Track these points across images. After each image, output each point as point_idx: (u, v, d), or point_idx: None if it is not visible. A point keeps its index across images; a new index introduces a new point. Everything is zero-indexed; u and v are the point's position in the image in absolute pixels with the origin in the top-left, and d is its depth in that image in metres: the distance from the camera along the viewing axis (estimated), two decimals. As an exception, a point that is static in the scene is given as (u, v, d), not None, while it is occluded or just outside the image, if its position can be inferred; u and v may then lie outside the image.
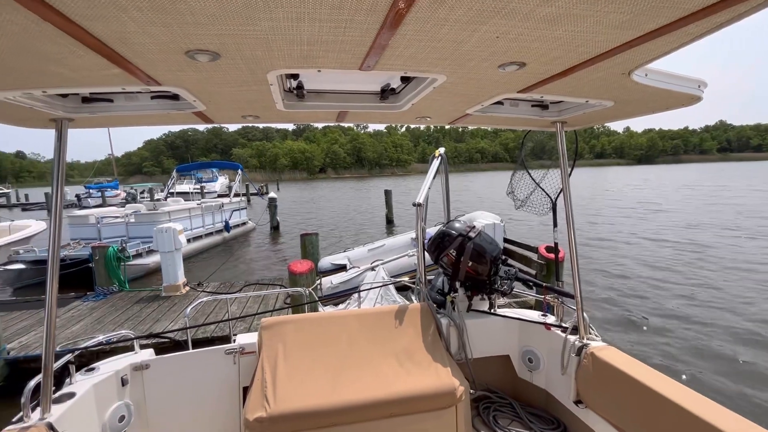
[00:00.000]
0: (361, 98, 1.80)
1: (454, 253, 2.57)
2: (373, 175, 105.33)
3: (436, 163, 3.14)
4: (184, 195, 19.01)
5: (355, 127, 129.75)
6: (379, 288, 4.40)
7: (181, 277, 7.43)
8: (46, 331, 1.72)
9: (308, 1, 0.80)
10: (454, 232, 2.61)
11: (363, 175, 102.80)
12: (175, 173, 20.05)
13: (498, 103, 1.80)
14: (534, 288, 2.71)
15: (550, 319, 2.58)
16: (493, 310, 2.75)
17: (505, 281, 2.65)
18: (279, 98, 1.53)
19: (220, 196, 22.58)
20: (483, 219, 7.46)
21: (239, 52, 1.05)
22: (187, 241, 8.04)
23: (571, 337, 2.29)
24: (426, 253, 2.78)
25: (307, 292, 3.46)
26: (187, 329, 2.79)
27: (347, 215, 24.07)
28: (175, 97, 1.56)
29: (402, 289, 4.90)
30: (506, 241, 7.66)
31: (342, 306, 4.90)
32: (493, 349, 2.70)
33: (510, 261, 2.84)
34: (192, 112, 1.65)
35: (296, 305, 4.65)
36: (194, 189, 22.65)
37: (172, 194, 18.88)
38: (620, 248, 12.72)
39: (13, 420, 1.70)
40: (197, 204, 14.83)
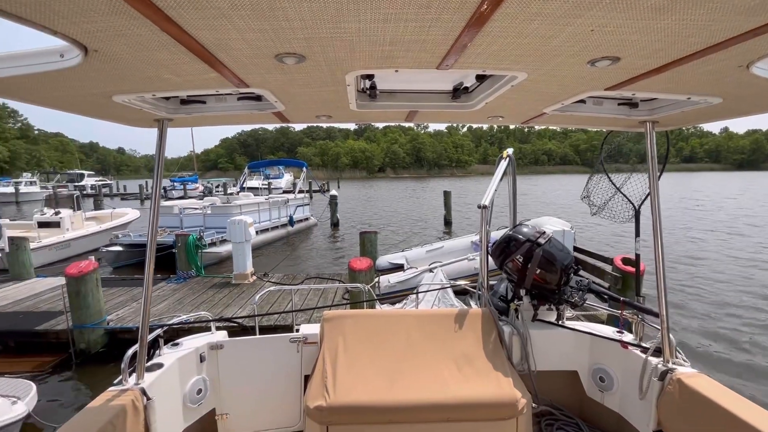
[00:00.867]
0: (433, 97, 1.79)
1: (520, 260, 2.45)
2: (432, 175, 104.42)
3: (503, 164, 3.03)
4: (254, 190, 20.37)
5: (415, 127, 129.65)
6: (437, 290, 4.35)
7: (249, 267, 7.98)
8: (143, 308, 1.95)
9: (396, 2, 0.81)
10: (521, 237, 2.49)
11: (421, 176, 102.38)
12: (246, 170, 21.59)
13: (580, 101, 1.68)
14: (608, 302, 2.49)
15: (628, 337, 2.36)
16: (561, 322, 2.58)
17: (576, 292, 2.47)
18: (353, 98, 1.57)
19: (285, 192, 23.89)
20: (551, 225, 7.04)
21: (323, 54, 1.09)
22: (256, 233, 8.59)
23: (653, 360, 2.08)
24: (489, 257, 2.70)
25: (366, 289, 3.51)
26: (255, 316, 2.99)
27: (405, 215, 24.14)
28: (258, 98, 1.67)
29: (460, 293, 4.79)
30: (576, 250, 7.16)
31: (399, 305, 4.92)
32: (560, 363, 2.54)
33: (581, 272, 2.64)
34: (272, 112, 1.75)
35: (355, 302, 4.78)
36: (262, 185, 24.18)
37: (243, 189, 20.34)
38: (711, 266, 11.28)
39: (115, 382, 1.94)
40: (265, 199, 15.82)
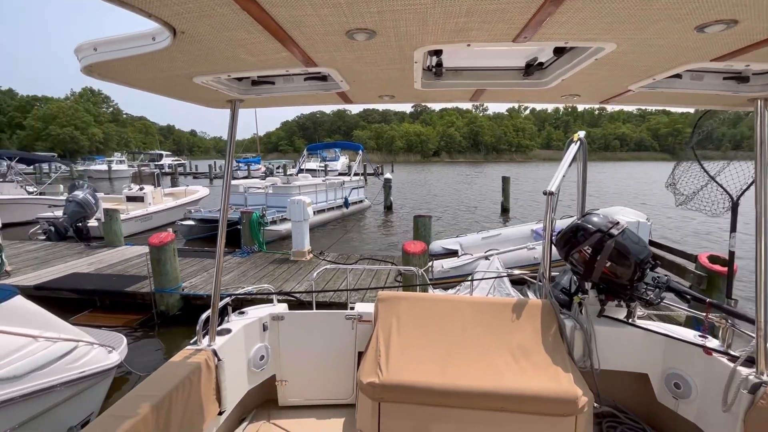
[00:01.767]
0: (502, 75, 1.68)
1: (588, 251, 2.28)
2: (489, 160, 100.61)
3: (573, 148, 2.81)
4: (312, 172, 21.11)
5: (473, 110, 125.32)
6: (494, 278, 4.22)
7: (306, 245, 8.33)
8: (215, 278, 2.10)
9: None
10: (591, 226, 2.31)
11: (478, 161, 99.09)
12: (305, 152, 22.35)
13: (675, 76, 1.48)
14: (690, 303, 2.25)
15: (713, 343, 2.12)
16: (631, 320, 2.39)
17: (653, 289, 2.26)
18: (418, 76, 1.52)
19: (340, 174, 24.45)
20: (624, 216, 6.47)
21: (394, 28, 1.06)
22: (313, 213, 8.94)
23: (744, 370, 1.85)
24: (554, 246, 2.54)
25: (420, 272, 3.51)
26: (313, 292, 3.12)
27: (459, 201, 23.64)
28: (323, 78, 1.68)
29: (517, 283, 4.61)
30: (652, 244, 6.51)
31: (452, 291, 4.87)
32: (627, 364, 2.36)
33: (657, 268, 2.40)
34: (336, 92, 1.76)
35: (408, 285, 4.81)
36: (319, 167, 24.94)
37: (302, 171, 21.14)
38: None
39: (191, 342, 2.14)
40: (322, 181, 16.34)
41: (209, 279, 7.08)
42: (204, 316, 2.13)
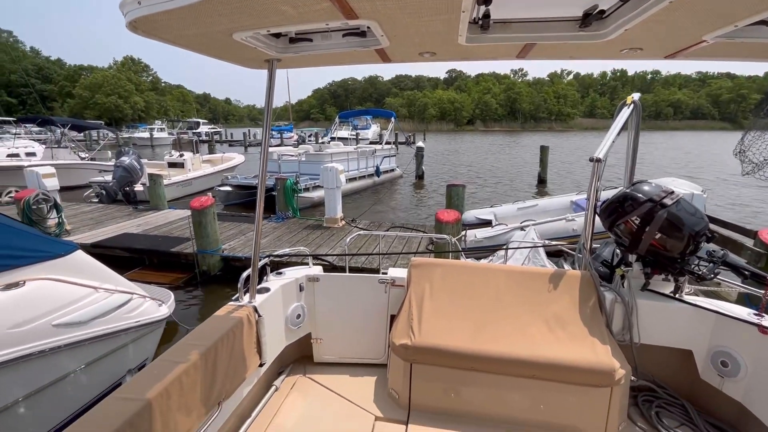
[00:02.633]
0: (555, 27, 1.55)
1: (637, 221, 2.16)
2: (526, 129, 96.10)
3: (626, 112, 2.60)
4: (343, 140, 21.08)
5: (512, 75, 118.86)
6: (529, 249, 4.12)
7: (339, 212, 8.46)
8: (255, 238, 2.17)
9: None
10: (641, 196, 2.16)
11: (514, 129, 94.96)
12: (337, 119, 22.28)
13: (761, 22, 1.30)
14: (748, 280, 2.10)
15: None
16: (678, 295, 2.27)
17: (706, 264, 2.12)
18: (464, 29, 1.43)
19: (372, 143, 24.31)
20: (677, 187, 6.06)
21: None
22: (345, 181, 9.01)
23: None
24: (597, 217, 2.42)
25: (453, 240, 3.48)
26: (347, 255, 3.17)
27: (494, 171, 22.99)
28: (362, 34, 1.62)
29: (553, 256, 4.49)
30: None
31: (485, 261, 4.82)
32: (670, 340, 2.27)
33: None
34: (374, 49, 1.69)
35: (440, 251, 4.80)
36: (351, 135, 24.87)
37: (333, 139, 21.16)
38: None
39: (233, 299, 2.25)
40: (354, 149, 16.29)
41: (247, 242, 7.38)
42: (245, 274, 2.23)
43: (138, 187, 11.83)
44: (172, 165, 14.62)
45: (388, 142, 20.04)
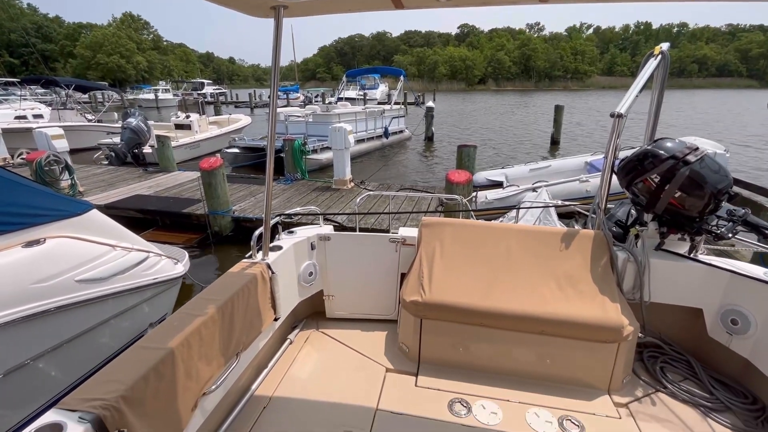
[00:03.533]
0: None
1: (656, 179, 2.09)
2: (540, 88, 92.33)
3: (652, 64, 2.45)
4: (351, 100, 20.55)
5: (527, 30, 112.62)
6: (540, 210, 4.08)
7: (348, 174, 8.40)
8: (266, 197, 2.17)
9: None
10: (663, 153, 2.09)
11: (528, 88, 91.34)
12: (344, 78, 21.58)
13: None
14: (767, 239, 2.06)
15: None
16: (693, 254, 2.25)
17: (725, 223, 2.08)
18: None
19: (380, 103, 23.69)
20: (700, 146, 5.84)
21: None
22: (354, 141, 8.85)
23: None
24: (614, 176, 2.36)
25: (463, 201, 3.44)
26: (357, 214, 3.17)
27: (505, 132, 22.39)
28: None
29: (564, 217, 4.44)
30: None
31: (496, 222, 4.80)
32: (681, 298, 2.28)
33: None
34: None
35: (450, 211, 4.79)
36: (358, 95, 24.20)
37: (341, 99, 20.63)
38: None
39: (246, 256, 2.29)
40: (362, 109, 15.90)
41: (256, 204, 7.43)
42: (257, 232, 2.25)
43: (146, 149, 11.83)
44: (179, 127, 14.50)
45: (396, 103, 19.49)
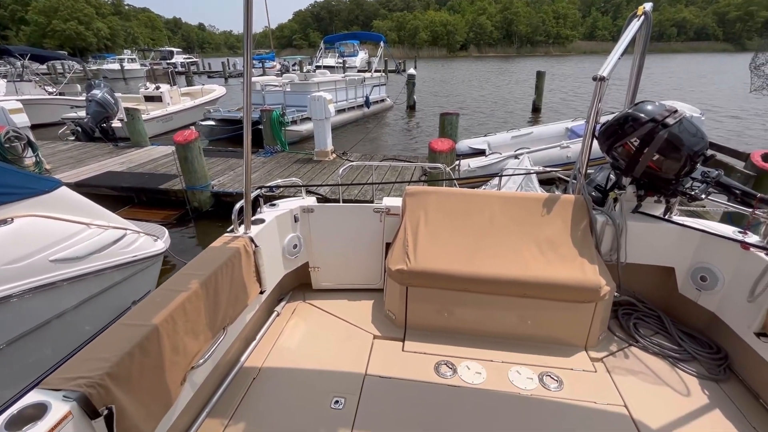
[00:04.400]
0: None
1: (636, 143, 2.11)
2: (522, 54, 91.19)
3: (635, 24, 2.42)
4: (330, 68, 19.85)
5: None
6: (522, 177, 4.12)
7: (329, 145, 8.24)
8: (245, 169, 2.10)
9: None
10: (643, 115, 2.10)
11: (510, 55, 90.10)
12: (322, 44, 20.78)
13: None
14: (738, 199, 2.14)
15: (752, 239, 2.07)
16: (668, 216, 2.32)
17: (699, 184, 2.14)
18: None
19: (360, 71, 23.00)
20: (679, 109, 5.93)
21: None
22: (334, 111, 8.61)
23: None
24: (594, 141, 2.37)
25: (446, 169, 3.43)
26: (341, 185, 3.14)
27: (487, 99, 22.21)
28: None
29: (545, 184, 4.50)
30: None
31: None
32: (654, 258, 2.37)
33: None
34: None
35: (433, 181, 4.79)
36: (337, 63, 23.36)
37: (319, 67, 19.90)
38: None
39: (228, 230, 2.25)
40: (342, 77, 15.42)
41: (236, 178, 7.26)
42: (238, 205, 2.19)
43: (115, 123, 11.25)
44: (149, 99, 13.78)
45: (377, 70, 19.00)
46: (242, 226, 2.26)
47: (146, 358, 1.40)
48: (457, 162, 5.89)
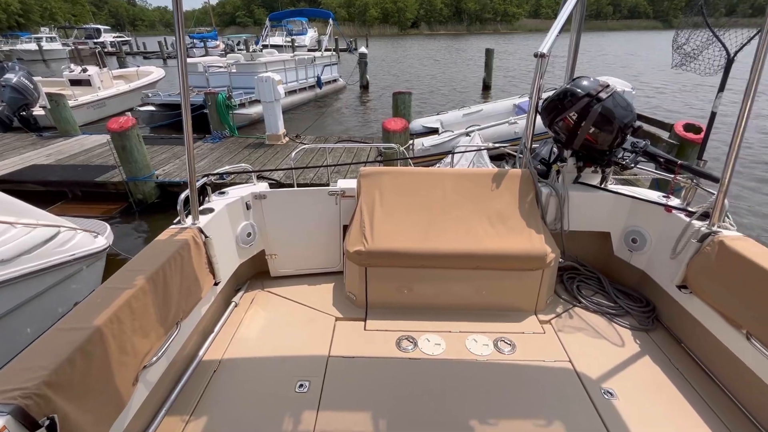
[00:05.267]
0: None
1: (574, 117, 2.24)
2: (472, 32, 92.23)
3: (570, 4, 2.52)
4: (277, 48, 18.95)
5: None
6: (473, 153, 4.23)
7: (281, 128, 7.96)
8: (188, 157, 1.99)
9: None
10: (580, 91, 2.22)
11: (460, 32, 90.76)
12: (268, 22, 19.76)
13: None
14: (663, 166, 2.34)
15: (674, 202, 2.29)
16: (604, 185, 2.51)
17: (629, 154, 2.31)
18: None
19: (310, 50, 22.18)
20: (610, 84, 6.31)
21: None
22: (284, 93, 8.28)
23: (697, 223, 2.04)
24: (538, 116, 2.48)
25: (401, 149, 3.45)
26: (293, 170, 3.06)
27: (439, 78, 22.35)
28: None
29: (496, 159, 4.66)
30: None
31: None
32: (593, 224, 2.56)
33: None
34: None
35: (388, 160, 4.79)
36: (286, 42, 22.35)
37: (266, 46, 18.95)
38: None
39: (174, 222, 2.13)
40: (291, 56, 14.80)
41: (183, 166, 6.85)
42: (183, 195, 2.09)
43: (37, 110, 10.12)
44: (75, 83, 12.48)
45: (327, 49, 18.42)
46: (189, 216, 2.15)
47: (90, 362, 1.33)
48: (412, 141, 5.93)
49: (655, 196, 2.40)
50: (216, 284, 2.25)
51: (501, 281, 2.33)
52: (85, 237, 3.29)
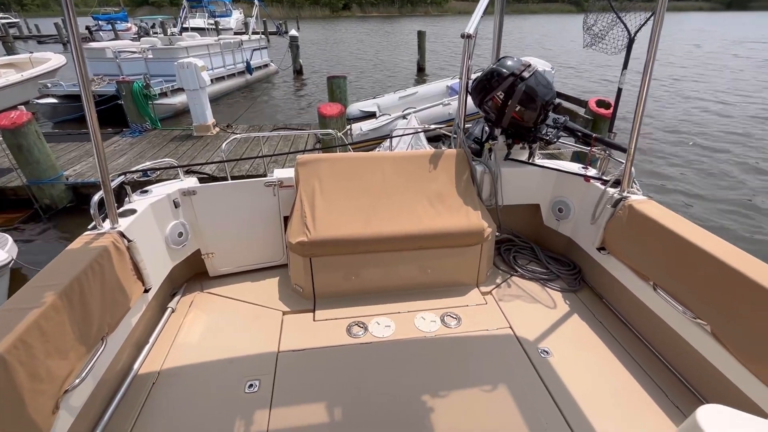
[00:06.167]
0: None
1: (501, 96, 2.34)
2: (404, 14, 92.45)
3: None
4: (199, 31, 17.51)
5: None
6: (411, 136, 4.28)
7: (210, 118, 7.43)
8: (96, 152, 1.78)
9: None
10: (505, 71, 2.31)
11: (392, 14, 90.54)
12: (185, 2, 18.15)
13: None
14: (581, 140, 2.54)
15: (591, 172, 2.51)
16: (532, 160, 2.67)
17: (551, 130, 2.47)
18: None
19: (236, 33, 20.76)
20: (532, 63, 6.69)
21: None
22: (210, 81, 7.69)
23: (611, 190, 2.25)
24: (468, 96, 2.55)
25: (339, 135, 3.39)
26: (225, 162, 2.88)
27: (373, 61, 22.18)
28: None
29: (433, 140, 4.77)
30: None
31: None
32: (525, 198, 2.73)
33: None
34: None
35: (327, 147, 4.69)
36: (209, 24, 20.71)
37: (186, 29, 17.45)
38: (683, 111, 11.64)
39: (89, 227, 1.91)
40: (215, 41, 13.77)
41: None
42: (96, 197, 1.87)
43: None
44: (-50, 73, 10.62)
45: (255, 32, 17.37)
46: (107, 220, 1.94)
47: None
48: (349, 126, 5.86)
49: (576, 167, 2.61)
50: (147, 291, 2.07)
51: (444, 259, 2.41)
52: (-21, 252, 2.85)
